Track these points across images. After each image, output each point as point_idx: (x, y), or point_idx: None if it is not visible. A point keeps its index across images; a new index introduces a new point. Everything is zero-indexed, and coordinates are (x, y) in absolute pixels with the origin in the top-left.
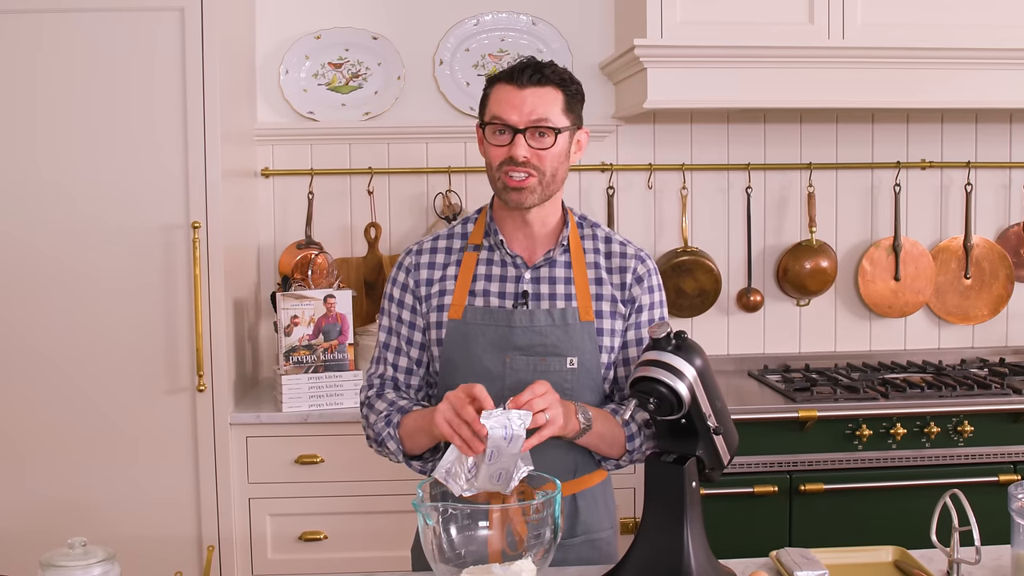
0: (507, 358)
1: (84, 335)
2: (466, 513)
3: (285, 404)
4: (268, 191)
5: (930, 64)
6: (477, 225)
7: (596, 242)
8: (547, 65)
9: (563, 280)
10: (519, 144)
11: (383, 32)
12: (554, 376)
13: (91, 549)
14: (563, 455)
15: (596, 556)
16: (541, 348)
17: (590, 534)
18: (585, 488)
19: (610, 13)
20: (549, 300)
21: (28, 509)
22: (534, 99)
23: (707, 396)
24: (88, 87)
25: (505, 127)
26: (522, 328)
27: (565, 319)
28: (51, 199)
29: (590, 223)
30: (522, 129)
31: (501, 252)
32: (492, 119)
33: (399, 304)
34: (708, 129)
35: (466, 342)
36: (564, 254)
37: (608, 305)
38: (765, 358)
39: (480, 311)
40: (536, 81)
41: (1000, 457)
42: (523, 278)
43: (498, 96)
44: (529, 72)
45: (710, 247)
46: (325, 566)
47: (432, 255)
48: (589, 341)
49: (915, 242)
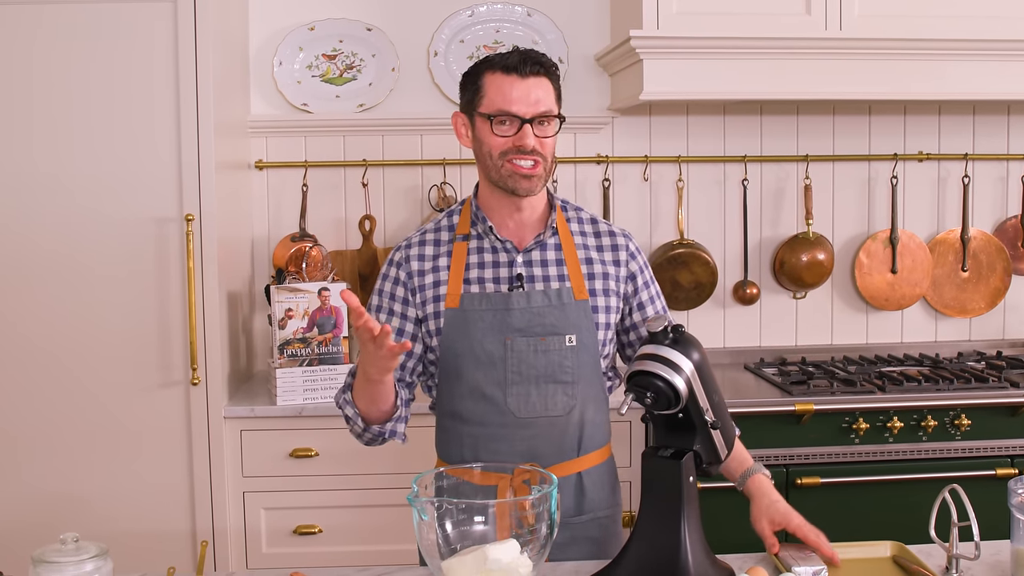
0: (507, 340)
1: (77, 328)
2: (461, 508)
3: (279, 397)
4: (262, 183)
5: (927, 55)
6: (463, 215)
7: (582, 224)
8: (541, 55)
9: (555, 262)
10: (527, 134)
11: (377, 23)
12: (554, 355)
13: (83, 545)
14: (567, 434)
15: (601, 535)
16: (540, 328)
17: (596, 512)
18: (592, 466)
19: (605, 4)
20: (543, 281)
21: (20, 503)
22: (538, 90)
23: (704, 390)
24: (81, 78)
25: (513, 118)
26: (520, 310)
27: (561, 298)
28: (45, 191)
29: (573, 207)
30: (529, 119)
31: (491, 239)
32: (499, 112)
33: (390, 297)
34: (704, 121)
35: (466, 328)
36: (553, 236)
37: (600, 283)
38: (761, 351)
39: (477, 297)
40: (536, 72)
41: (997, 451)
42: (516, 262)
43: (500, 88)
44: (531, 63)
45: (706, 239)
46: (320, 560)
47: (421, 248)
48: (585, 319)
49: (912, 235)
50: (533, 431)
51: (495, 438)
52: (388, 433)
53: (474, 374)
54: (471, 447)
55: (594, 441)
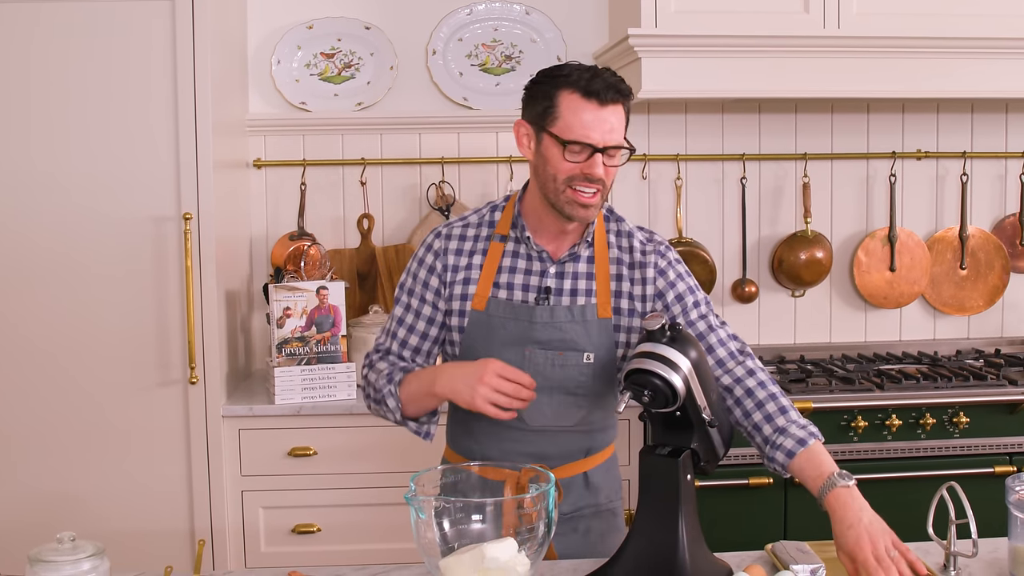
0: (527, 351)
1: (75, 328)
2: (459, 507)
3: (278, 396)
4: (260, 182)
5: (926, 54)
6: (504, 214)
7: (620, 238)
8: (620, 79)
9: (585, 276)
10: (597, 163)
11: (375, 22)
12: (571, 370)
13: (80, 544)
14: (577, 439)
15: (604, 526)
16: (560, 343)
17: (599, 505)
18: (597, 465)
19: (603, 2)
20: (570, 296)
21: (18, 502)
22: (613, 118)
23: (702, 388)
24: (78, 76)
25: (585, 146)
26: (542, 324)
27: (584, 315)
28: (42, 190)
29: (616, 217)
30: (602, 148)
31: (527, 246)
32: (575, 140)
33: (424, 284)
34: (703, 119)
35: (488, 333)
36: (588, 249)
37: (626, 303)
38: (760, 349)
39: (503, 304)
40: (614, 100)
41: (996, 448)
42: (547, 272)
43: (577, 112)
44: (612, 91)
45: (705, 238)
46: (318, 559)
47: (460, 242)
48: (606, 337)
49: (911, 233)
50: (543, 437)
51: (505, 438)
52: (423, 434)
53: None
54: (480, 442)
55: (600, 444)
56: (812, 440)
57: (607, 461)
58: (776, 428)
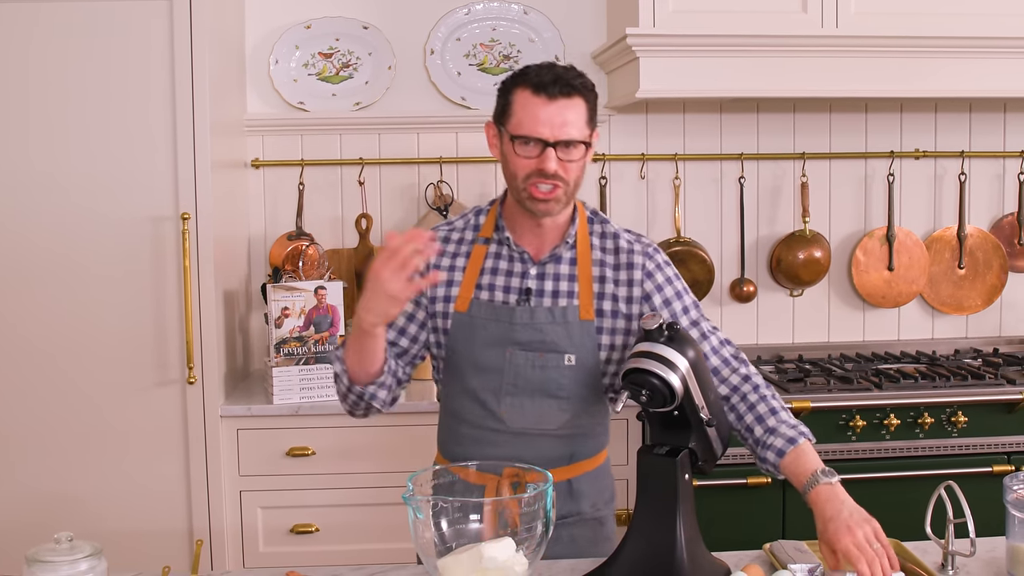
0: (508, 353)
1: (73, 327)
2: (456, 507)
3: (276, 396)
4: (258, 182)
5: (924, 53)
6: (488, 218)
7: (604, 240)
8: (573, 74)
9: (567, 277)
10: (549, 158)
11: (373, 22)
12: (552, 371)
13: (78, 544)
14: (559, 445)
15: (590, 535)
16: (540, 344)
17: (583, 514)
18: (583, 473)
19: (602, 2)
20: (551, 297)
21: (15, 502)
22: (564, 112)
23: (700, 388)
24: (77, 76)
25: (536, 141)
26: (523, 325)
27: (565, 316)
28: (41, 190)
29: (601, 218)
30: (552, 143)
31: (509, 248)
32: (521, 135)
33: None
34: (701, 119)
35: (470, 335)
36: (570, 250)
37: (609, 304)
38: (758, 349)
39: (484, 306)
40: (565, 93)
41: (994, 448)
42: (528, 274)
43: (525, 107)
44: (560, 86)
45: (703, 237)
46: (317, 559)
47: (444, 244)
48: (588, 339)
49: (909, 232)
50: (525, 440)
51: (489, 442)
52: (368, 396)
53: (473, 379)
54: (467, 446)
55: (586, 451)
56: (802, 439)
57: (596, 469)
58: (767, 429)
